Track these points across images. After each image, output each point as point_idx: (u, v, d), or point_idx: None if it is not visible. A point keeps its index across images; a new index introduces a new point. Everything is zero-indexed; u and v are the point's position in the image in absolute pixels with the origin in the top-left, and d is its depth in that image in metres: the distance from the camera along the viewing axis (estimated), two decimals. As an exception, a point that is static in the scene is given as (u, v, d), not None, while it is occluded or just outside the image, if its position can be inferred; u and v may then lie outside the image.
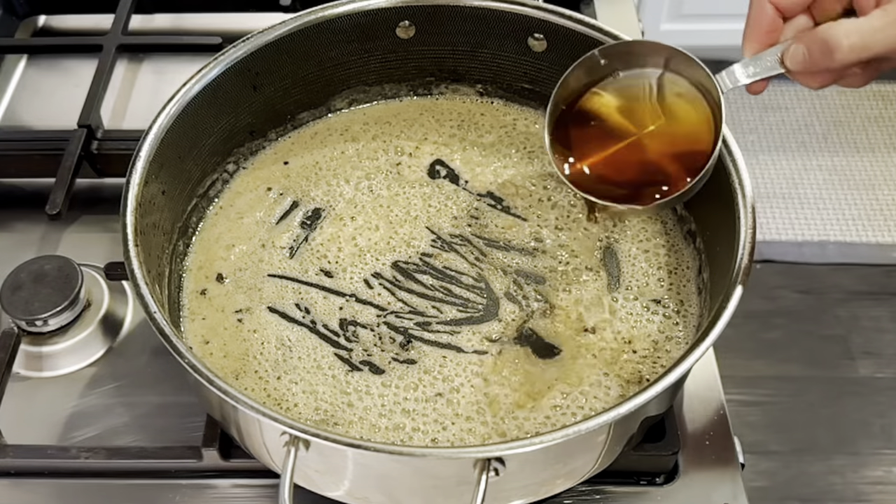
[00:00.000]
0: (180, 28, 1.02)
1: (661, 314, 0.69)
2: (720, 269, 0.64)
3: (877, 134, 2.12)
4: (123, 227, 0.62)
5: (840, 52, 0.51)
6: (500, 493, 0.58)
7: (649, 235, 0.74)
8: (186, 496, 0.67)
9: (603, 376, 0.66)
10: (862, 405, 1.71)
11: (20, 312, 0.72)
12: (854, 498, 1.59)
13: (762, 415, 1.68)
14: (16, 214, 0.85)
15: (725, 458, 0.68)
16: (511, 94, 0.82)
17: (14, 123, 0.93)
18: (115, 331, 0.76)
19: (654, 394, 0.55)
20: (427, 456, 0.54)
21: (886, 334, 1.81)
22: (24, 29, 1.03)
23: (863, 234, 1.95)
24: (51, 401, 0.72)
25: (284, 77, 0.77)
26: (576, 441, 0.53)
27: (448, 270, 0.73)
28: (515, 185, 0.78)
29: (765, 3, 0.54)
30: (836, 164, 2.07)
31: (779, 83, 2.19)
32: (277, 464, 0.60)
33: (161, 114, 0.68)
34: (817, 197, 2.01)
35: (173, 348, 0.57)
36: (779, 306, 1.84)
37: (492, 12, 0.75)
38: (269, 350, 0.68)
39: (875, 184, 2.03)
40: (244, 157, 0.79)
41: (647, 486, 0.68)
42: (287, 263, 0.73)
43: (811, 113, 2.16)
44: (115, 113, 0.93)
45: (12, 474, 0.68)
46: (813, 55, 0.52)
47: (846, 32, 0.51)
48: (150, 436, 0.70)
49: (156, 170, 0.67)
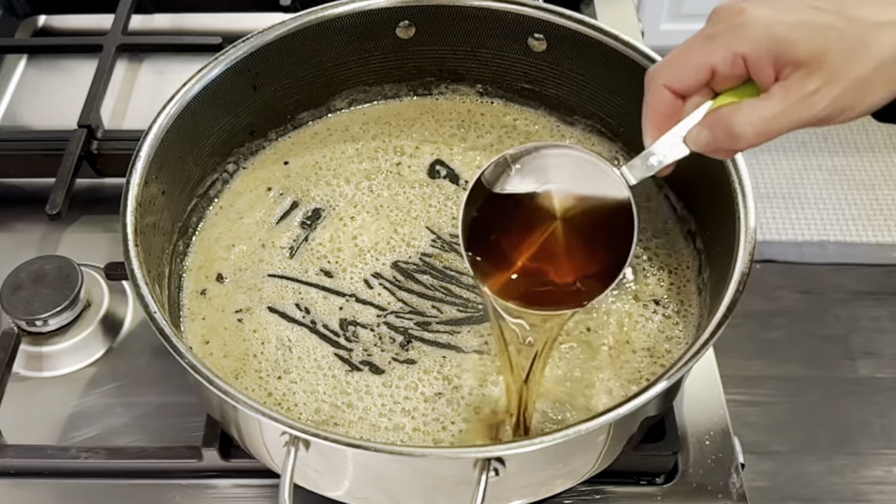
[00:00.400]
0: (180, 28, 1.02)
1: (661, 314, 0.69)
2: (720, 269, 0.64)
3: (877, 134, 2.12)
4: (123, 227, 0.62)
5: (744, 139, 0.50)
6: (500, 493, 0.58)
7: (649, 235, 0.74)
8: (186, 496, 0.67)
9: (603, 376, 0.66)
10: (862, 405, 1.71)
11: (20, 312, 0.72)
12: (854, 498, 1.59)
13: (762, 415, 1.68)
14: (16, 214, 0.85)
15: (725, 458, 0.68)
16: (511, 94, 0.82)
17: (14, 123, 0.93)
18: (115, 331, 0.76)
19: (654, 394, 0.55)
20: (427, 456, 0.54)
21: (886, 334, 1.81)
22: (24, 29, 1.03)
23: (863, 234, 1.95)
24: (51, 401, 0.72)
25: (284, 77, 0.77)
26: (576, 441, 0.53)
27: (448, 270, 0.73)
28: (515, 185, 0.77)
29: (660, 89, 0.53)
30: (836, 164, 2.07)
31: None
32: (277, 464, 0.60)
33: (161, 114, 0.68)
34: (817, 197, 2.01)
35: (173, 348, 0.57)
36: (779, 306, 1.84)
37: (492, 12, 0.75)
38: (269, 350, 0.68)
39: (875, 184, 2.03)
40: (244, 157, 0.79)
41: (647, 486, 0.68)
42: (287, 263, 0.73)
43: (811, 113, 2.16)
44: (115, 113, 0.93)
45: (12, 474, 0.68)
46: (717, 140, 0.52)
47: (749, 121, 0.50)
48: (150, 436, 0.70)
49: (156, 170, 0.67)
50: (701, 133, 0.52)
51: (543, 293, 0.60)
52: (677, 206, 0.74)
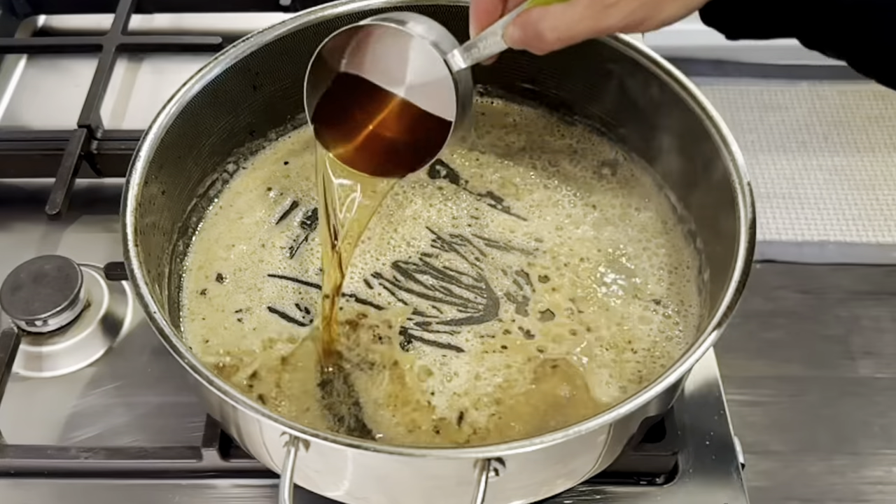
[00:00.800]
0: (180, 28, 1.02)
1: (661, 314, 0.69)
2: (720, 269, 0.64)
3: (877, 134, 2.12)
4: (123, 227, 0.62)
5: (547, 41, 0.56)
6: (500, 493, 0.58)
7: (649, 235, 0.74)
8: (186, 496, 0.67)
9: (603, 376, 0.66)
10: (862, 405, 1.71)
11: (20, 312, 0.72)
12: (854, 498, 1.59)
13: (762, 415, 1.68)
14: (16, 214, 0.86)
15: (725, 458, 0.68)
16: (511, 94, 0.82)
17: (14, 123, 0.93)
18: (115, 331, 0.76)
19: (654, 394, 0.55)
20: (427, 456, 0.54)
21: (886, 334, 1.81)
22: (24, 29, 1.03)
23: (863, 234, 1.94)
24: (51, 401, 0.72)
25: (284, 77, 0.77)
26: (576, 441, 0.53)
27: (448, 270, 0.73)
28: (515, 185, 0.78)
29: None
30: (836, 164, 2.07)
31: (779, 83, 2.19)
32: (277, 464, 0.60)
33: (161, 114, 0.68)
34: (817, 197, 2.01)
35: (173, 348, 0.57)
36: (779, 306, 1.84)
37: (492, 12, 0.75)
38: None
39: (875, 184, 2.03)
40: (244, 157, 0.79)
41: (647, 486, 0.68)
42: (287, 263, 0.73)
43: (811, 113, 2.16)
44: (115, 113, 0.93)
45: (12, 474, 0.68)
46: (527, 39, 0.57)
47: (553, 26, 0.55)
48: (150, 436, 0.70)
49: (156, 170, 0.67)
50: (514, 31, 0.57)
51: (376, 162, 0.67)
52: (677, 206, 0.74)
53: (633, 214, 0.75)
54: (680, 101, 0.69)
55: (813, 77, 2.19)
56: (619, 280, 0.71)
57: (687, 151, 0.71)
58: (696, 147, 0.68)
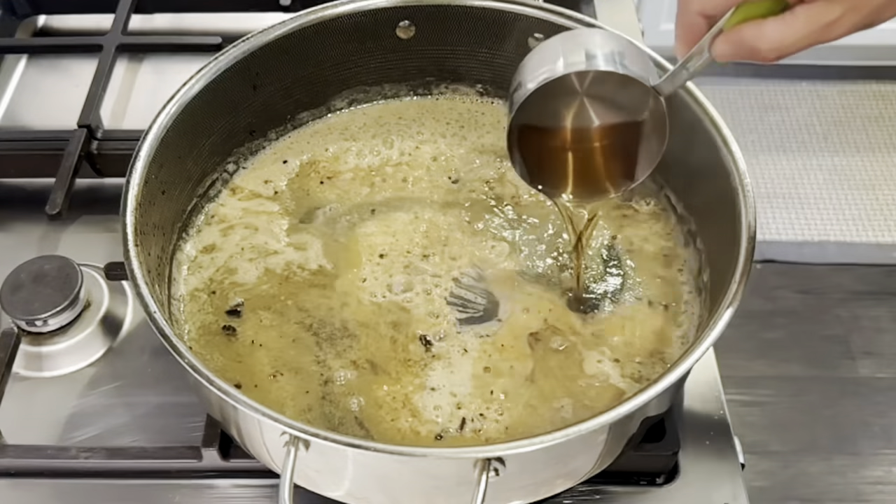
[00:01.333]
0: (180, 28, 1.02)
1: (661, 314, 0.69)
2: (720, 269, 0.64)
3: (877, 134, 2.12)
4: (123, 227, 0.62)
5: (763, 56, 0.54)
6: (501, 493, 0.58)
7: (649, 235, 0.74)
8: (186, 496, 0.67)
9: (603, 376, 0.66)
10: (862, 405, 1.71)
11: (20, 312, 0.72)
12: (854, 498, 1.59)
13: (762, 415, 1.68)
14: (16, 214, 0.85)
15: (725, 458, 0.68)
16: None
17: (14, 123, 0.93)
18: (115, 331, 0.76)
19: (654, 394, 0.55)
20: (427, 456, 0.54)
21: (886, 334, 1.81)
22: (24, 29, 1.03)
23: (863, 234, 1.94)
24: (51, 401, 0.72)
25: (284, 77, 0.77)
26: (576, 441, 0.53)
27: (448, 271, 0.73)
28: (516, 185, 0.78)
29: (692, 14, 0.56)
30: (836, 164, 2.06)
31: (779, 83, 2.19)
32: (277, 464, 0.60)
33: (161, 114, 0.68)
34: (817, 197, 2.01)
35: (173, 348, 0.57)
36: (779, 306, 1.84)
37: (492, 12, 0.75)
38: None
39: (875, 184, 2.03)
40: (244, 157, 0.79)
41: (647, 486, 0.68)
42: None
43: (811, 113, 2.16)
44: (115, 113, 0.93)
45: (12, 474, 0.68)
46: (739, 55, 0.55)
47: (768, 41, 0.53)
48: (150, 436, 0.70)
49: (156, 170, 0.67)
50: (726, 49, 0.55)
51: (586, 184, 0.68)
52: (677, 206, 0.74)
53: (634, 214, 0.75)
54: (680, 102, 0.69)
55: (813, 77, 2.19)
56: (619, 280, 0.71)
57: (687, 151, 0.71)
58: (696, 147, 0.68)
